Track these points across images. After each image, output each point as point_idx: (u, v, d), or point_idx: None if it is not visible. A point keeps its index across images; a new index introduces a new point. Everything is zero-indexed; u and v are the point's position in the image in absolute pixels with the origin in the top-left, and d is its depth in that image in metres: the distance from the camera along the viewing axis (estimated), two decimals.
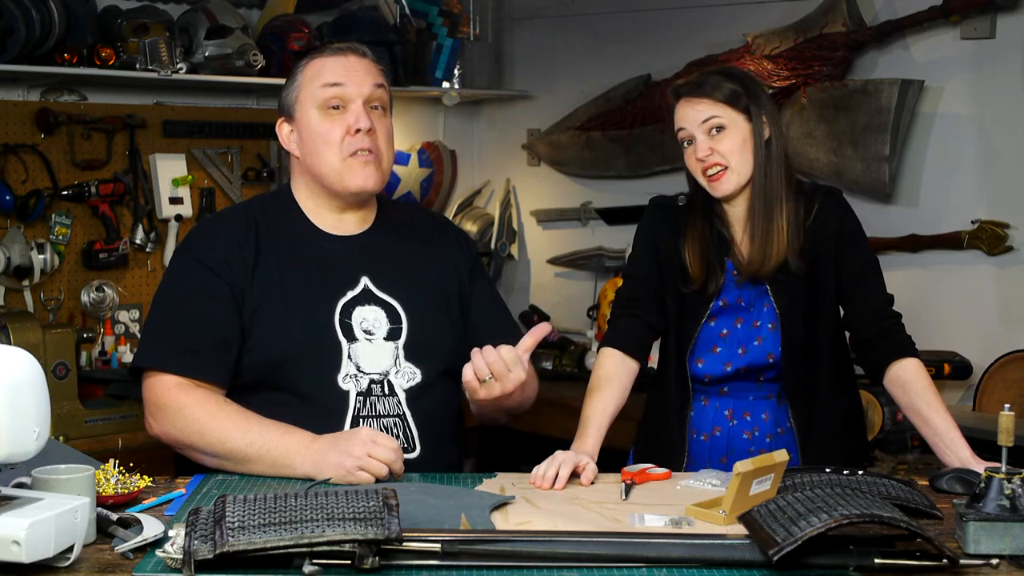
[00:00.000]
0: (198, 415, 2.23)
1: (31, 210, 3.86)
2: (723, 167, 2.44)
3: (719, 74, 2.49)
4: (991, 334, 3.78)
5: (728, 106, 2.44)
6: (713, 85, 2.45)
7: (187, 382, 2.27)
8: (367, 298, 2.38)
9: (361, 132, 2.35)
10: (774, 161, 2.47)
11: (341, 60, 2.40)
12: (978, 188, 3.86)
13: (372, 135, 2.36)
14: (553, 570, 1.73)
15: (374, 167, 2.37)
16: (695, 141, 2.46)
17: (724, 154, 2.43)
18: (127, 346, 3.99)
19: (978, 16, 3.79)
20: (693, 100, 2.46)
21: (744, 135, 2.44)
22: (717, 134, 2.44)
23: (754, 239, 2.46)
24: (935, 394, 2.40)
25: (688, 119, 2.46)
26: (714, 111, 2.44)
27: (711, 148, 2.44)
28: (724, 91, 2.44)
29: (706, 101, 2.44)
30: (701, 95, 2.45)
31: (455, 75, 4.79)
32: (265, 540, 1.65)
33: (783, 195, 2.47)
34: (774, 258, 2.46)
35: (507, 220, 5.08)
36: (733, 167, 2.44)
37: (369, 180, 2.37)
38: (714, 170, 2.44)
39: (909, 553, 1.74)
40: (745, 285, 2.51)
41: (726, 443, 2.55)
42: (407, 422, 2.33)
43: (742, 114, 2.44)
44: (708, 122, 2.44)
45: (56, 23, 3.68)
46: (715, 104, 2.44)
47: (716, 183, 2.45)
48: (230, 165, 4.37)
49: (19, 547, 1.60)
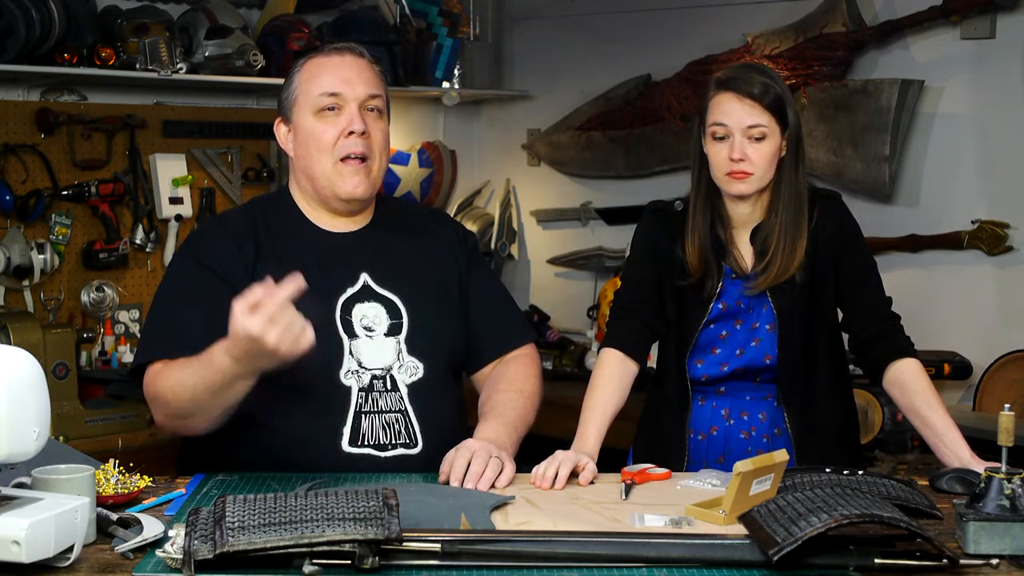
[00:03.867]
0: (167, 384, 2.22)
1: (31, 210, 3.86)
2: (750, 173, 2.43)
3: (766, 76, 2.45)
4: (991, 334, 3.78)
5: (772, 115, 2.41)
6: (764, 88, 2.41)
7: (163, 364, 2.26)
8: (367, 295, 2.38)
9: (355, 135, 2.34)
10: (801, 176, 2.47)
11: (338, 62, 2.39)
12: (978, 188, 3.86)
13: (366, 138, 2.36)
14: (553, 570, 1.73)
15: (364, 175, 2.36)
16: (731, 139, 2.42)
17: (756, 162, 2.42)
18: (127, 346, 3.99)
19: (978, 16, 3.80)
20: (744, 99, 2.41)
21: (777, 146, 2.44)
22: (756, 141, 2.42)
23: (776, 256, 2.45)
24: (934, 394, 2.40)
25: (733, 117, 2.42)
26: (761, 119, 2.41)
27: (746, 153, 2.41)
28: (771, 96, 2.41)
29: (757, 106, 2.41)
30: (752, 97, 2.41)
31: (455, 75, 4.80)
32: (265, 540, 1.65)
33: (806, 209, 2.46)
34: (791, 271, 2.46)
35: (507, 220, 5.08)
36: (758, 175, 2.43)
37: (359, 188, 2.36)
38: (740, 172, 2.43)
39: (909, 553, 1.74)
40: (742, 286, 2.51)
41: (723, 443, 2.55)
42: (409, 417, 2.34)
43: (779, 125, 2.43)
44: (754, 128, 2.41)
45: (56, 23, 3.68)
46: (764, 111, 2.41)
47: (736, 183, 2.43)
48: (230, 165, 4.38)
49: (19, 547, 1.60)
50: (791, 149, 2.46)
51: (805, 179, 2.49)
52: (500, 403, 2.40)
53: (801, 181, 2.48)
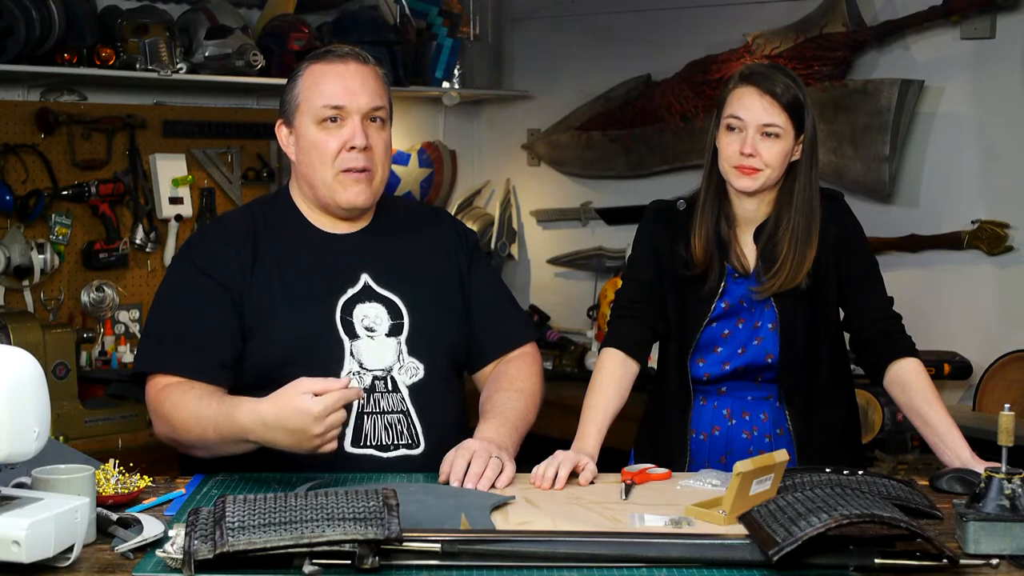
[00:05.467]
0: (176, 410, 2.22)
1: (31, 210, 3.86)
2: (758, 169, 2.43)
3: (789, 78, 2.45)
4: (991, 334, 3.78)
5: (789, 116, 2.41)
6: (785, 88, 2.42)
7: (175, 381, 2.27)
8: (368, 295, 2.38)
9: (356, 150, 2.33)
10: (814, 183, 2.46)
11: (342, 70, 2.35)
12: (978, 188, 3.86)
13: (368, 152, 2.34)
14: (553, 570, 1.73)
15: (365, 184, 2.36)
16: (745, 133, 2.42)
17: (766, 160, 2.42)
18: (127, 346, 3.99)
19: (978, 16, 3.80)
20: (764, 95, 2.41)
21: (788, 148, 2.44)
22: (769, 139, 2.42)
23: (785, 264, 2.44)
24: (935, 394, 2.40)
25: (750, 111, 2.42)
26: (778, 119, 2.41)
27: (757, 150, 2.42)
28: (791, 97, 2.42)
29: (776, 104, 2.41)
30: (773, 95, 2.41)
31: (455, 75, 4.80)
32: (265, 540, 1.65)
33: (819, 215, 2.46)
34: (798, 280, 2.46)
35: (507, 220, 5.08)
36: (766, 173, 2.43)
37: (359, 197, 2.36)
38: (749, 168, 2.43)
39: (909, 553, 1.74)
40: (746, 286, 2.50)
41: (725, 443, 2.55)
42: (411, 418, 2.33)
43: (794, 128, 2.43)
44: (768, 127, 2.41)
45: (56, 23, 3.68)
46: (781, 111, 2.41)
47: (743, 178, 2.43)
48: (230, 165, 4.37)
49: (19, 547, 1.60)
50: (805, 155, 2.46)
51: (818, 188, 2.49)
52: (501, 403, 2.40)
53: (814, 189, 2.47)
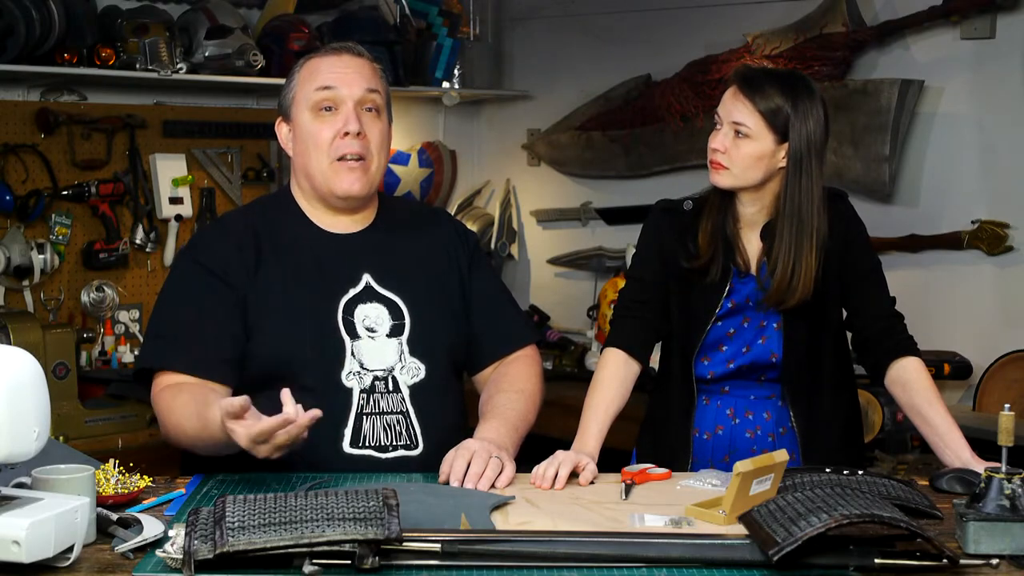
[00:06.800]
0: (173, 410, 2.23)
1: (31, 210, 3.86)
2: (724, 167, 2.44)
3: (777, 82, 2.43)
4: (991, 334, 3.78)
5: (764, 120, 2.40)
6: (764, 93, 2.41)
7: (174, 383, 2.27)
8: (369, 295, 2.38)
9: (350, 136, 2.34)
10: (803, 195, 2.43)
11: (336, 61, 2.39)
12: (978, 188, 3.86)
13: (362, 139, 2.35)
14: (553, 570, 1.73)
15: (360, 172, 2.36)
16: (721, 129, 2.45)
17: (733, 159, 2.42)
18: (127, 346, 4.00)
19: (978, 16, 3.80)
20: (740, 95, 2.43)
21: (764, 152, 2.42)
22: (739, 138, 2.43)
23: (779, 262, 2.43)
24: (936, 394, 2.41)
25: (725, 107, 2.45)
26: (748, 120, 2.41)
27: (725, 146, 2.43)
28: (770, 103, 2.40)
29: (750, 106, 2.41)
30: (749, 95, 2.42)
31: (455, 75, 4.80)
32: (265, 540, 1.65)
33: (815, 224, 2.43)
34: (799, 293, 2.43)
35: (507, 220, 5.08)
36: (733, 171, 2.43)
37: (355, 185, 2.36)
38: (715, 163, 2.45)
39: (909, 553, 1.74)
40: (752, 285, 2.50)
41: (728, 442, 2.55)
42: (410, 419, 2.34)
43: (773, 134, 2.41)
44: (738, 125, 2.41)
45: (56, 23, 3.68)
46: (754, 113, 2.40)
47: (714, 172, 2.46)
48: (230, 165, 4.38)
49: (19, 547, 1.60)
50: (792, 164, 2.43)
51: (811, 198, 2.44)
52: (501, 403, 2.40)
53: (803, 198, 2.43)
